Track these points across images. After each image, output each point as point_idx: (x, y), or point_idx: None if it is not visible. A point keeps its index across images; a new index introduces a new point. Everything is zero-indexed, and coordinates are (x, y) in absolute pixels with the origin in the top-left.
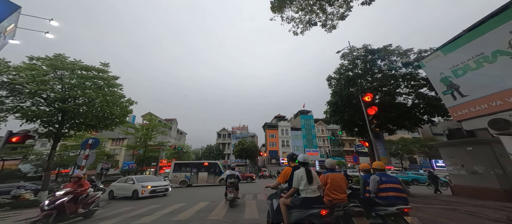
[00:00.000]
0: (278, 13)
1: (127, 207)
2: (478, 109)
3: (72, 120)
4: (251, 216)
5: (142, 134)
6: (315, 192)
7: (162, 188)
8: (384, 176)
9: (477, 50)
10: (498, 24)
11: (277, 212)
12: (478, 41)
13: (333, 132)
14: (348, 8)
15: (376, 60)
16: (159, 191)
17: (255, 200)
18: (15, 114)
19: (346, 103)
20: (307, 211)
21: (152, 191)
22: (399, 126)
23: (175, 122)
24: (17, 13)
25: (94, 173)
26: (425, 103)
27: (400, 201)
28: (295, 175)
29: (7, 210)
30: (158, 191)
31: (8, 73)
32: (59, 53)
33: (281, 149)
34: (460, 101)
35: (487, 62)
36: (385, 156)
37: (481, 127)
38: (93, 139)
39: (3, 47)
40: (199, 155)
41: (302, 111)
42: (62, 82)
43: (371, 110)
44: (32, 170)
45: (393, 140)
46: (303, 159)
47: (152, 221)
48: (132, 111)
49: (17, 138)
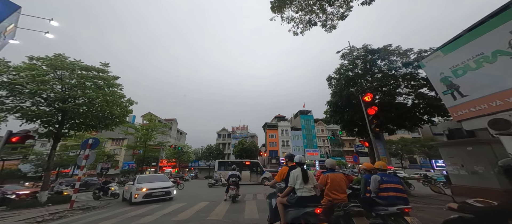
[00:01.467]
0: (278, 13)
1: (127, 207)
2: (478, 109)
3: (72, 120)
4: (251, 216)
5: (142, 134)
6: (310, 191)
7: (160, 191)
8: (385, 176)
9: (477, 50)
10: (498, 24)
11: (275, 211)
12: (478, 41)
13: (333, 132)
14: (348, 8)
15: (376, 60)
16: (157, 195)
17: (255, 200)
18: (15, 114)
19: (346, 103)
20: (302, 210)
21: (147, 194)
22: (399, 126)
23: (175, 122)
24: (17, 13)
25: (94, 173)
26: (425, 103)
27: (401, 201)
28: (291, 175)
29: (8, 210)
30: (156, 195)
31: (8, 73)
32: (59, 53)
33: (281, 149)
34: (460, 101)
35: (487, 62)
36: (385, 156)
37: (481, 127)
38: (93, 139)
39: (3, 47)
40: (199, 155)
41: (302, 111)
42: (62, 82)
43: (371, 110)
44: (32, 170)
45: (393, 140)
46: (299, 160)
47: (152, 221)
48: (132, 111)
49: (17, 138)
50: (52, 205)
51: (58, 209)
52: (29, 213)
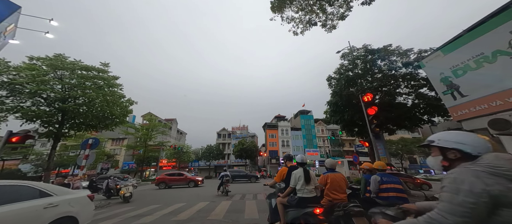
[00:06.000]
0: (278, 13)
1: (127, 207)
2: (478, 109)
3: (72, 120)
4: (251, 216)
5: (142, 134)
6: (311, 192)
7: None
8: (385, 176)
9: (477, 50)
10: (498, 24)
11: (275, 211)
12: (478, 41)
13: (333, 132)
14: (348, 8)
15: (376, 60)
16: None
17: (255, 200)
18: (15, 114)
19: (346, 103)
20: (302, 210)
21: None
22: (399, 126)
23: (175, 122)
24: (17, 13)
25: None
26: (425, 103)
27: (401, 201)
28: (293, 175)
29: None
30: None
31: (8, 73)
32: (59, 53)
33: (281, 149)
34: (460, 101)
35: (487, 62)
36: (385, 156)
37: (481, 127)
38: (93, 139)
39: (3, 47)
40: (199, 155)
41: (302, 111)
42: (62, 82)
43: (371, 110)
44: (32, 170)
45: (393, 140)
46: (301, 160)
47: (152, 221)
48: (132, 111)
49: (17, 138)
50: None
51: None
52: None
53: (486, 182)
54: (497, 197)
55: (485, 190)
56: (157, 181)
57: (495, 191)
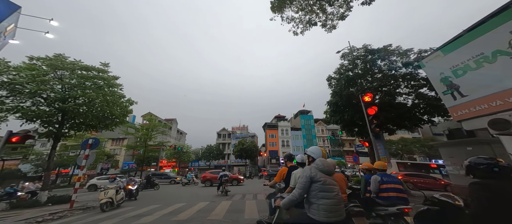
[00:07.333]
0: (278, 13)
1: (127, 207)
2: (478, 109)
3: (72, 120)
4: (251, 216)
5: (142, 134)
6: None
7: None
8: (385, 176)
9: (477, 50)
10: (498, 24)
11: (275, 211)
12: (478, 41)
13: (333, 132)
14: (348, 8)
15: (376, 60)
16: None
17: (255, 200)
18: (15, 114)
19: (346, 103)
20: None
21: None
22: (399, 126)
23: (175, 122)
24: (17, 13)
25: (94, 172)
26: (425, 103)
27: (401, 201)
28: (293, 175)
29: (7, 210)
30: None
31: (8, 73)
32: (59, 53)
33: (281, 149)
34: (460, 101)
35: (487, 62)
36: (385, 156)
37: (481, 127)
38: (93, 139)
39: (3, 47)
40: (199, 155)
41: (302, 111)
42: (62, 82)
43: (371, 110)
44: (32, 170)
45: (393, 140)
46: (301, 160)
47: (152, 221)
48: (132, 111)
49: (17, 138)
50: (52, 205)
51: (58, 209)
52: (29, 213)
53: (312, 171)
54: (312, 178)
55: (309, 175)
56: (203, 179)
57: (312, 175)
